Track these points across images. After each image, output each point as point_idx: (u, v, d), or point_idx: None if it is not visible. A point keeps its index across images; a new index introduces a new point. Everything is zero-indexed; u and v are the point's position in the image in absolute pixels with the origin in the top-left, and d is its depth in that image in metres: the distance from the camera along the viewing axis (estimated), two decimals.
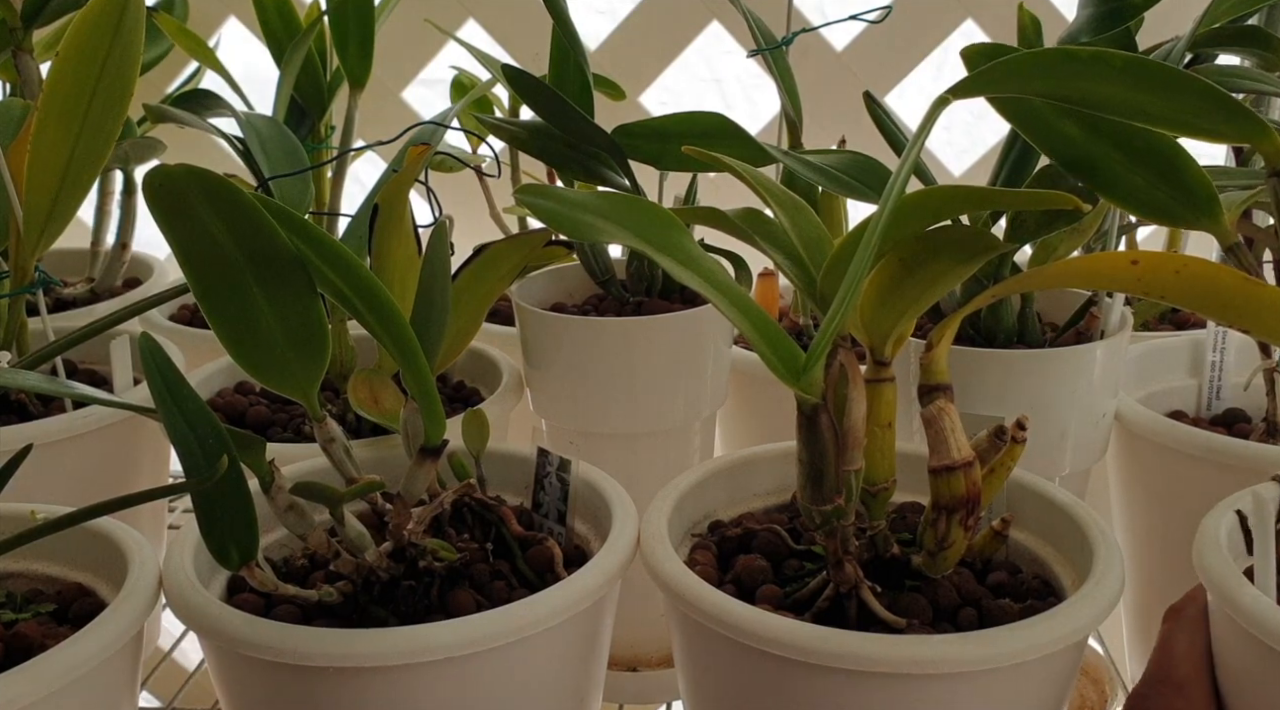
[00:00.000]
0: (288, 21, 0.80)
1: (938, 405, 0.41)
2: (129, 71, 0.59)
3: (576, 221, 0.42)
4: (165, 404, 0.42)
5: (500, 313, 0.86)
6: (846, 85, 1.03)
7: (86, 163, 0.60)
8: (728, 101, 1.19)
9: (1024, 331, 0.65)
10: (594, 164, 0.69)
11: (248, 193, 0.40)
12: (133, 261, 0.95)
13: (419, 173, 0.51)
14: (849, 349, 0.42)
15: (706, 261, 0.42)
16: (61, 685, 0.42)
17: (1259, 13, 0.63)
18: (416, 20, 0.98)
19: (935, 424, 0.41)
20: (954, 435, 0.41)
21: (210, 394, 0.71)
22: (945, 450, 0.41)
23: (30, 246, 0.63)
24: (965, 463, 0.41)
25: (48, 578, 0.53)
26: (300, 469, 0.56)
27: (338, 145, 0.79)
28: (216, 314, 0.42)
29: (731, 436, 0.82)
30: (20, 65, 0.74)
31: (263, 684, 0.45)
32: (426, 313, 0.47)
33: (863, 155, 0.56)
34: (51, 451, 0.61)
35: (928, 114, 0.38)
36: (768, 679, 0.42)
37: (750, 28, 0.71)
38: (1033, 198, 0.41)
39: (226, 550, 0.43)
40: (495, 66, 0.77)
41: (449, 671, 0.43)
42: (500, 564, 0.51)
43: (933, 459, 0.42)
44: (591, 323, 0.68)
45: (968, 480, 0.41)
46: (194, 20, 0.98)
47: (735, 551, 0.51)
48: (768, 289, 0.81)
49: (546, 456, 0.55)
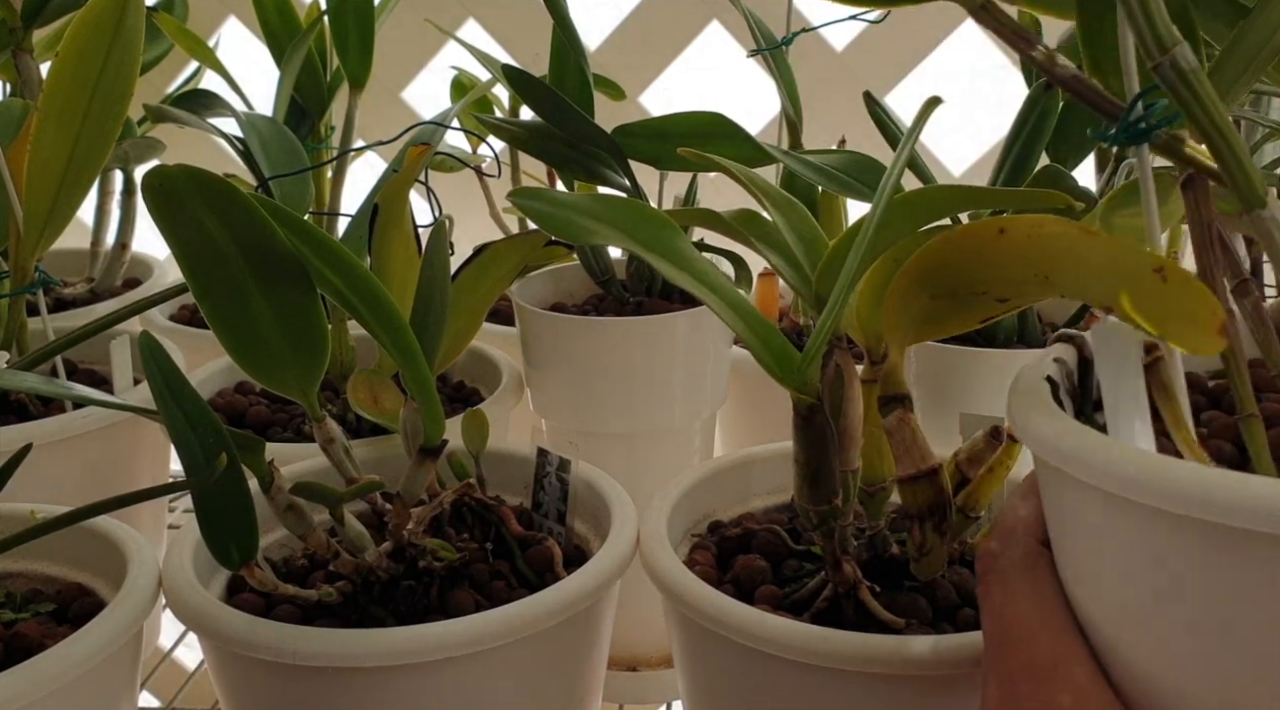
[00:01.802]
0: (288, 21, 0.80)
1: (897, 416, 0.41)
2: (129, 71, 0.59)
3: (569, 223, 0.42)
4: (165, 403, 0.42)
5: (500, 313, 0.86)
6: (846, 85, 1.03)
7: (86, 163, 0.60)
8: (728, 102, 1.19)
9: (1024, 331, 0.65)
10: (594, 164, 0.69)
11: (246, 193, 0.40)
12: (133, 261, 0.95)
13: (419, 173, 0.51)
14: (845, 349, 0.42)
15: (700, 263, 0.42)
16: (61, 685, 0.42)
17: None
18: (416, 20, 0.98)
19: (897, 435, 0.41)
20: (916, 445, 0.41)
21: (210, 394, 0.71)
22: (909, 460, 0.41)
23: (30, 246, 0.63)
24: (929, 470, 0.41)
25: (47, 577, 0.53)
26: (300, 469, 0.56)
27: (338, 145, 0.79)
28: (216, 314, 0.43)
29: (731, 436, 0.82)
30: (20, 65, 0.75)
31: (263, 684, 0.45)
32: (426, 313, 0.47)
33: (863, 155, 0.56)
34: (51, 451, 0.61)
35: (919, 113, 0.38)
36: (766, 679, 0.43)
37: (750, 28, 0.71)
38: (1027, 197, 0.41)
39: (226, 550, 0.43)
40: (495, 66, 0.77)
41: (449, 671, 0.43)
42: (500, 564, 0.51)
43: (898, 469, 0.41)
44: (591, 323, 0.68)
45: (933, 487, 0.41)
46: (194, 20, 0.98)
47: (734, 552, 0.51)
48: (767, 289, 0.81)
49: (546, 456, 0.55)
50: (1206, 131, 0.30)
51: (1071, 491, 0.31)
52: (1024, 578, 0.34)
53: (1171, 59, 0.30)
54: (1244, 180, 0.30)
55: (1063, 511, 0.32)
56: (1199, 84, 0.30)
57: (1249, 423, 0.32)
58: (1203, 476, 0.26)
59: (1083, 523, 0.31)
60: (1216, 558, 0.26)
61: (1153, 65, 0.30)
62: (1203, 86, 0.30)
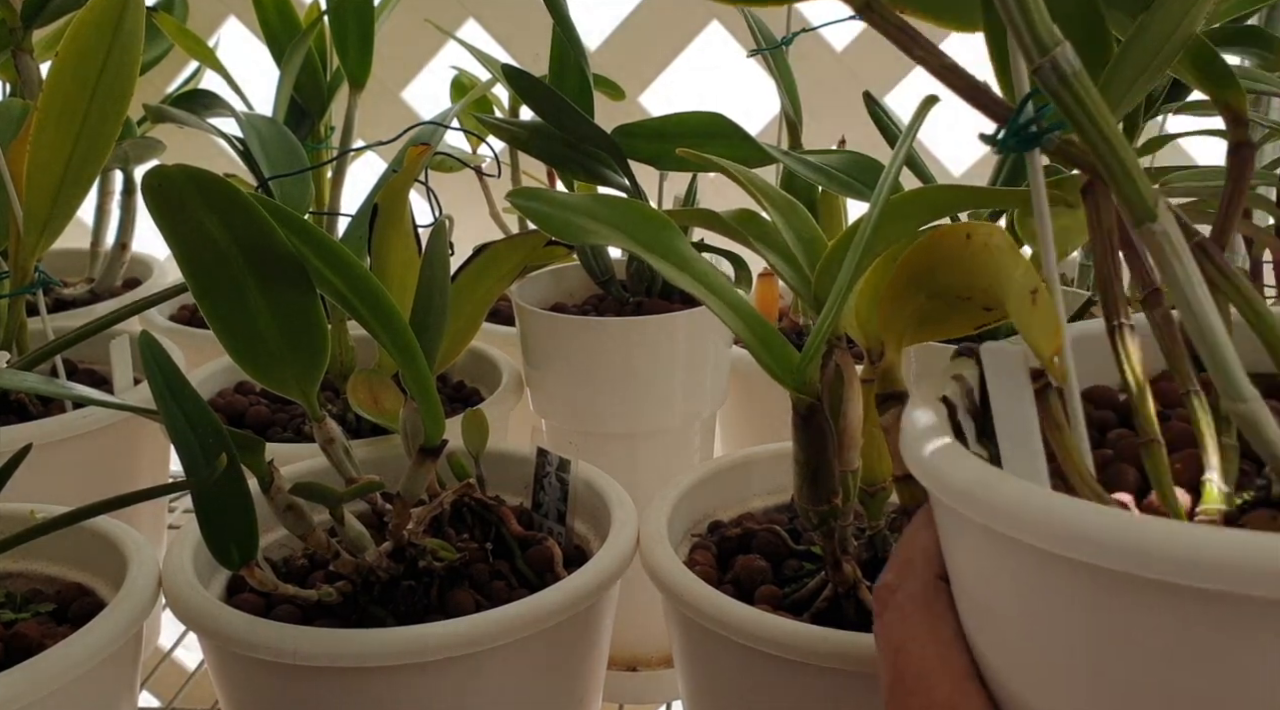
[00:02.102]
0: (288, 21, 0.80)
1: (895, 414, 0.41)
2: (129, 71, 0.59)
3: (568, 224, 0.42)
4: (165, 403, 0.42)
5: (500, 313, 0.86)
6: (846, 85, 1.03)
7: (86, 163, 0.60)
8: (728, 102, 1.19)
9: None
10: (594, 164, 0.69)
11: (245, 192, 0.40)
12: (133, 261, 0.95)
13: (419, 173, 0.51)
14: (844, 349, 0.42)
15: (699, 263, 0.42)
16: (60, 685, 0.42)
17: (1259, 13, 0.63)
18: (416, 20, 0.98)
19: (894, 433, 0.41)
20: None
21: (210, 394, 0.71)
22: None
23: (30, 246, 0.63)
24: None
25: (47, 578, 0.53)
26: (300, 469, 0.56)
27: (338, 145, 0.79)
28: (215, 314, 0.43)
29: (731, 436, 0.82)
30: (20, 65, 0.75)
31: (262, 684, 0.45)
32: (426, 313, 0.47)
33: (862, 155, 0.56)
34: (51, 451, 0.61)
35: (917, 111, 0.38)
36: (766, 679, 0.43)
37: (750, 28, 0.71)
38: (1023, 197, 0.41)
39: (226, 550, 0.43)
40: (495, 66, 0.77)
41: (449, 671, 0.43)
42: (500, 564, 0.51)
43: (896, 468, 0.41)
44: (591, 323, 0.68)
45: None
46: (194, 20, 0.98)
47: (735, 552, 0.51)
48: (768, 290, 0.81)
49: (546, 456, 0.55)
50: (1091, 139, 0.28)
51: (961, 528, 0.29)
52: (922, 615, 0.31)
53: (1052, 61, 0.27)
54: (1131, 191, 0.28)
55: (954, 547, 0.30)
56: (1082, 88, 0.28)
57: (1150, 448, 0.30)
58: (1081, 515, 0.24)
59: (974, 561, 0.29)
60: (1108, 601, 0.24)
61: (1033, 68, 0.28)
62: (1086, 91, 0.28)
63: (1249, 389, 0.28)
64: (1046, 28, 0.28)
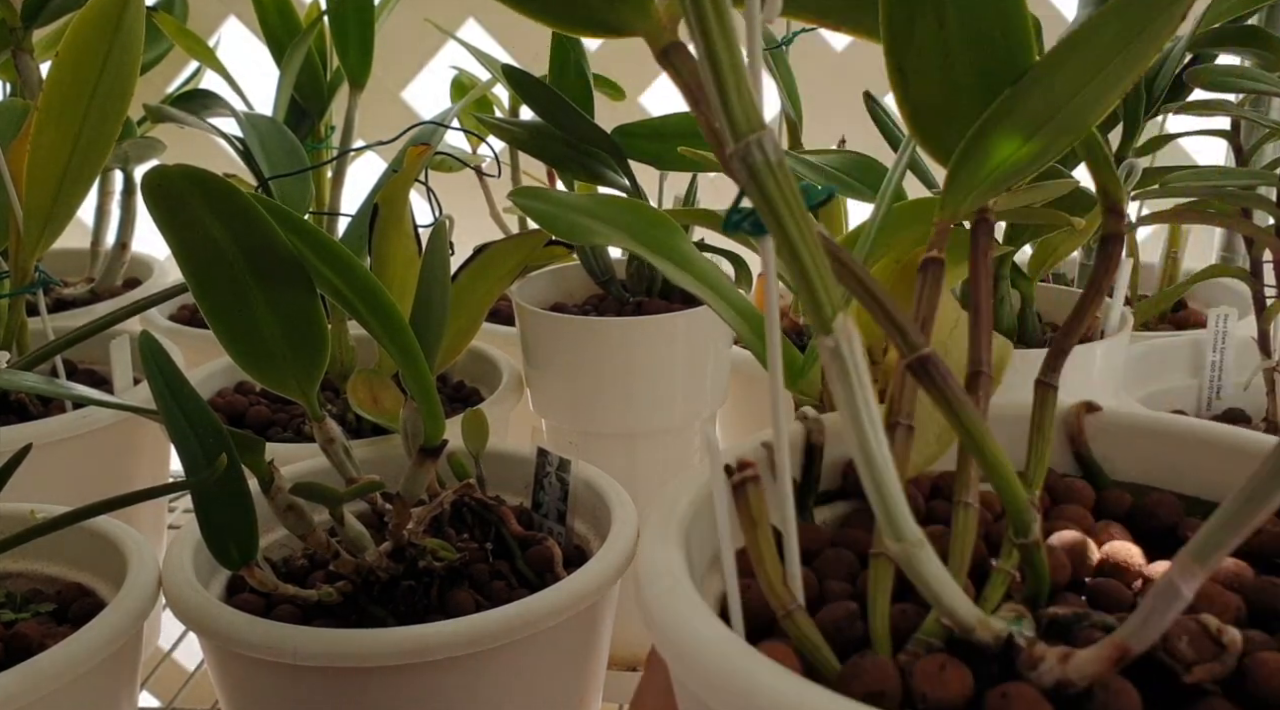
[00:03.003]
0: (288, 21, 0.80)
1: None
2: (129, 71, 0.59)
3: (570, 223, 0.42)
4: (166, 403, 0.42)
5: (500, 313, 0.86)
6: (846, 85, 1.03)
7: (86, 163, 0.60)
8: None
9: (1024, 331, 0.65)
10: (594, 164, 0.69)
11: (245, 193, 0.40)
12: (133, 261, 0.95)
13: (419, 173, 0.51)
14: None
15: (701, 263, 0.42)
16: (60, 684, 0.42)
17: (1259, 13, 0.63)
18: (416, 20, 0.98)
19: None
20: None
21: (210, 394, 0.71)
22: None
23: (30, 246, 0.63)
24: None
25: (47, 578, 0.53)
26: (300, 469, 0.56)
27: (338, 145, 0.79)
28: (215, 314, 0.43)
29: (731, 436, 0.82)
30: (20, 65, 0.75)
31: (262, 684, 0.45)
32: (426, 313, 0.47)
33: (863, 155, 0.56)
34: (51, 451, 0.61)
35: None
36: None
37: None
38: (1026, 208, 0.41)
39: (226, 550, 0.43)
40: (495, 66, 0.77)
41: (449, 671, 0.43)
42: (500, 564, 0.51)
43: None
44: (591, 323, 0.68)
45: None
46: (194, 20, 0.98)
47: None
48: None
49: (546, 456, 0.55)
50: (779, 238, 0.24)
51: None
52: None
53: (744, 149, 0.23)
54: (812, 298, 0.24)
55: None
56: (775, 182, 0.23)
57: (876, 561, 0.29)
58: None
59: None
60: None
61: (724, 154, 0.24)
62: (779, 185, 0.23)
63: (910, 529, 0.26)
64: (744, 108, 0.23)
